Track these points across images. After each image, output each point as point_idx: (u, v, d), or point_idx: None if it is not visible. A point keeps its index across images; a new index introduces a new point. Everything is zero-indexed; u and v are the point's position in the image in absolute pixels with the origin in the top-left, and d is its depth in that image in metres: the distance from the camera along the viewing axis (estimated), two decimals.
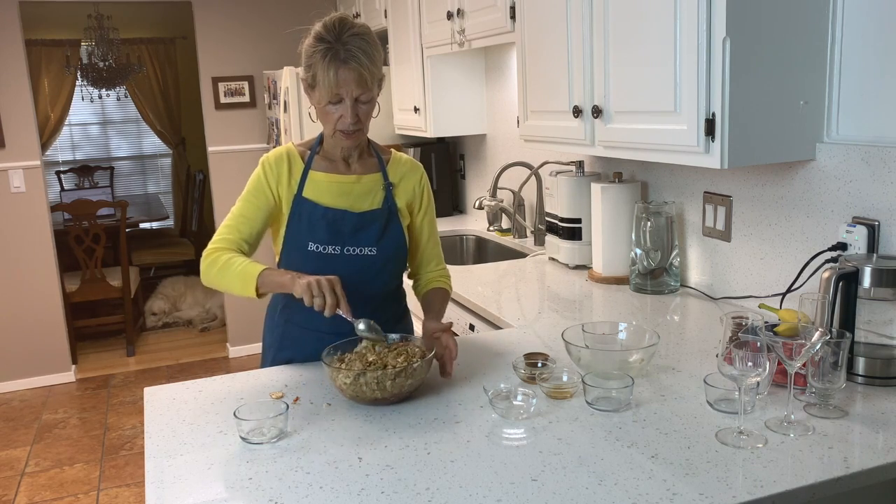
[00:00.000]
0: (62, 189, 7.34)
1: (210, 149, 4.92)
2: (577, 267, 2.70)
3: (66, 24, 7.14)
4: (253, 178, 1.83)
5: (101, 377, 4.91)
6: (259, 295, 1.71)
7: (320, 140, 1.86)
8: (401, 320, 1.98)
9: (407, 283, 2.01)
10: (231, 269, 1.73)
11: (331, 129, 1.78)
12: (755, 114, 1.74)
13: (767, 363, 1.35)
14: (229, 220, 1.82)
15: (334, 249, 1.79)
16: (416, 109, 3.70)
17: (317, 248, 1.79)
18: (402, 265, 1.93)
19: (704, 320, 2.10)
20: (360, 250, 1.81)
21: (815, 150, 1.87)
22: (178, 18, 7.28)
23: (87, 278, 5.07)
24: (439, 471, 1.30)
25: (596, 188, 2.51)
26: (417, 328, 2.08)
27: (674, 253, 2.36)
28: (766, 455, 1.31)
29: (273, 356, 1.92)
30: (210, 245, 1.80)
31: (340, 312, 1.62)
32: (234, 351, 5.17)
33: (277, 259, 1.89)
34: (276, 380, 1.76)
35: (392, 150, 1.95)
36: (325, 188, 1.82)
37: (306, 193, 1.81)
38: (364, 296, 1.82)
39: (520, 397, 1.54)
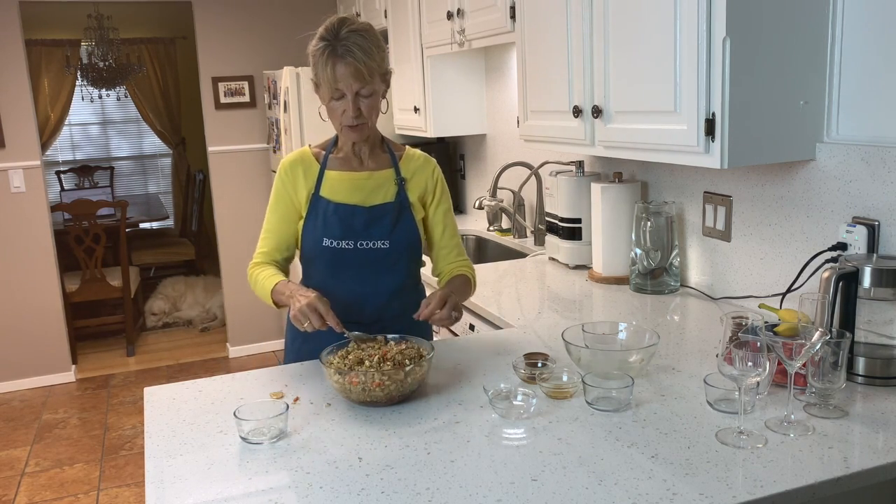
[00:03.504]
0: (62, 189, 7.34)
1: (210, 149, 4.92)
2: (577, 267, 2.70)
3: (66, 24, 7.13)
4: (274, 186, 1.92)
5: (101, 377, 4.91)
6: (279, 307, 1.85)
7: (335, 141, 1.92)
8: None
9: (432, 280, 2.03)
10: (258, 284, 1.87)
11: (338, 125, 1.83)
12: (755, 114, 1.74)
13: (767, 363, 1.35)
14: (262, 233, 1.94)
15: (347, 244, 1.84)
16: (416, 109, 3.70)
17: (331, 243, 1.84)
18: (416, 259, 1.95)
19: (704, 320, 2.10)
20: (373, 244, 1.84)
21: (815, 150, 1.87)
22: (178, 18, 7.28)
23: (87, 278, 5.07)
24: (439, 471, 1.30)
25: (596, 188, 2.51)
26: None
27: (674, 253, 2.36)
28: (766, 455, 1.31)
29: (299, 348, 1.95)
30: (252, 260, 1.93)
31: (331, 326, 1.68)
32: (234, 351, 5.17)
33: (299, 255, 1.96)
34: (276, 380, 1.76)
35: (407, 146, 1.99)
36: (338, 185, 1.87)
37: (322, 192, 1.86)
38: (379, 289, 1.87)
39: (520, 397, 1.54)
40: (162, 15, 7.61)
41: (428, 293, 2.04)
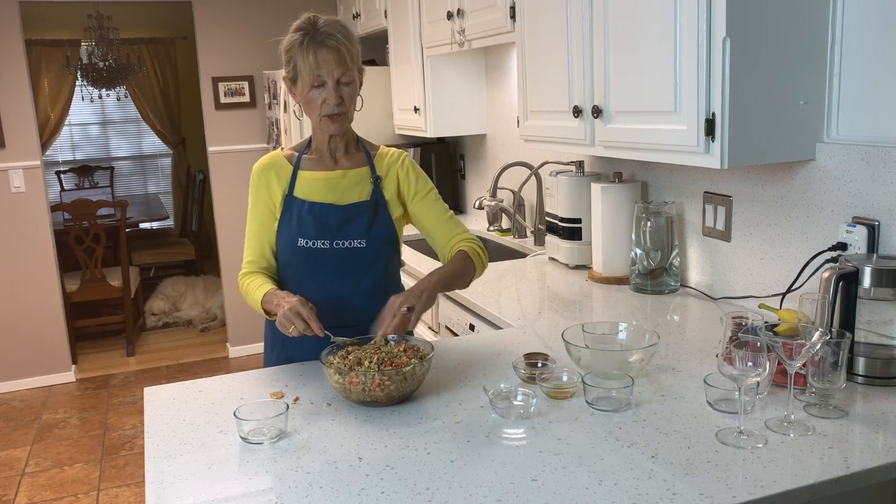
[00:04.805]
0: (62, 189, 7.34)
1: (210, 149, 4.92)
2: (577, 267, 2.70)
3: (66, 24, 7.13)
4: (250, 193, 1.90)
5: (101, 377, 4.91)
6: (271, 316, 1.81)
7: (309, 142, 1.91)
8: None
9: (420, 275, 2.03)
10: (248, 296, 1.85)
11: (317, 117, 1.80)
12: (755, 114, 1.74)
13: (767, 363, 1.35)
14: (246, 241, 1.91)
15: (323, 244, 1.82)
16: (416, 109, 3.70)
17: (306, 243, 1.82)
18: (394, 258, 1.93)
19: (704, 320, 2.10)
20: (350, 243, 1.83)
21: (815, 150, 1.87)
22: (178, 18, 7.28)
23: (87, 278, 5.07)
24: (439, 471, 1.30)
25: (596, 188, 2.51)
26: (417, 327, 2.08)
27: (674, 253, 2.36)
28: (766, 455, 1.31)
29: (277, 354, 1.93)
30: (241, 271, 1.91)
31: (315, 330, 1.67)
32: (234, 351, 5.17)
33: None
34: (276, 380, 1.76)
35: (381, 146, 1.97)
36: (312, 185, 1.85)
37: (297, 192, 1.85)
38: (358, 290, 1.85)
39: (520, 397, 1.54)
40: (162, 15, 7.61)
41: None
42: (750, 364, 1.34)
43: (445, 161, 4.08)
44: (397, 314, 1.67)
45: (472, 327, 2.43)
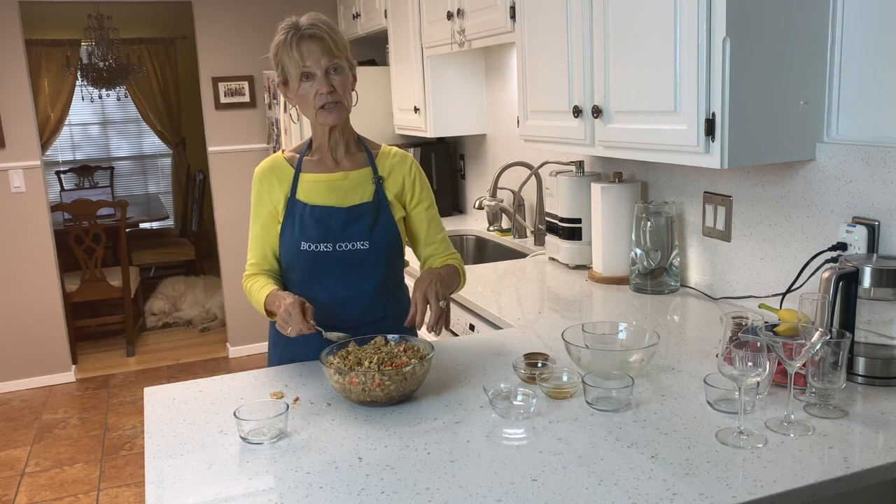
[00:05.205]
0: (62, 189, 7.34)
1: (210, 149, 4.92)
2: (577, 267, 2.70)
3: (66, 24, 7.14)
4: (252, 196, 1.89)
5: (101, 377, 4.91)
6: (273, 317, 1.79)
7: (309, 144, 1.90)
8: (400, 318, 1.97)
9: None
10: (252, 297, 1.85)
11: (312, 112, 1.79)
12: (755, 114, 1.74)
13: (767, 363, 1.35)
14: (249, 244, 1.90)
15: (326, 247, 1.81)
16: (416, 109, 3.70)
17: (309, 246, 1.81)
18: (397, 259, 1.92)
19: (704, 320, 2.10)
20: (353, 245, 1.82)
21: (815, 150, 1.87)
22: (178, 18, 7.28)
23: (87, 278, 5.07)
24: (439, 471, 1.30)
25: (596, 188, 2.51)
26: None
27: (674, 253, 2.36)
28: (766, 455, 1.31)
29: (280, 354, 1.93)
30: (245, 272, 1.91)
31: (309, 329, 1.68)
32: (234, 351, 5.17)
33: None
34: (276, 380, 1.76)
35: (383, 144, 1.96)
36: (314, 187, 1.84)
37: (299, 195, 1.84)
38: (361, 292, 1.84)
39: (520, 397, 1.54)
40: (162, 15, 7.62)
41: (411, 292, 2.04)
42: (750, 364, 1.34)
43: (445, 161, 4.08)
44: (436, 307, 1.71)
45: (472, 327, 2.43)
